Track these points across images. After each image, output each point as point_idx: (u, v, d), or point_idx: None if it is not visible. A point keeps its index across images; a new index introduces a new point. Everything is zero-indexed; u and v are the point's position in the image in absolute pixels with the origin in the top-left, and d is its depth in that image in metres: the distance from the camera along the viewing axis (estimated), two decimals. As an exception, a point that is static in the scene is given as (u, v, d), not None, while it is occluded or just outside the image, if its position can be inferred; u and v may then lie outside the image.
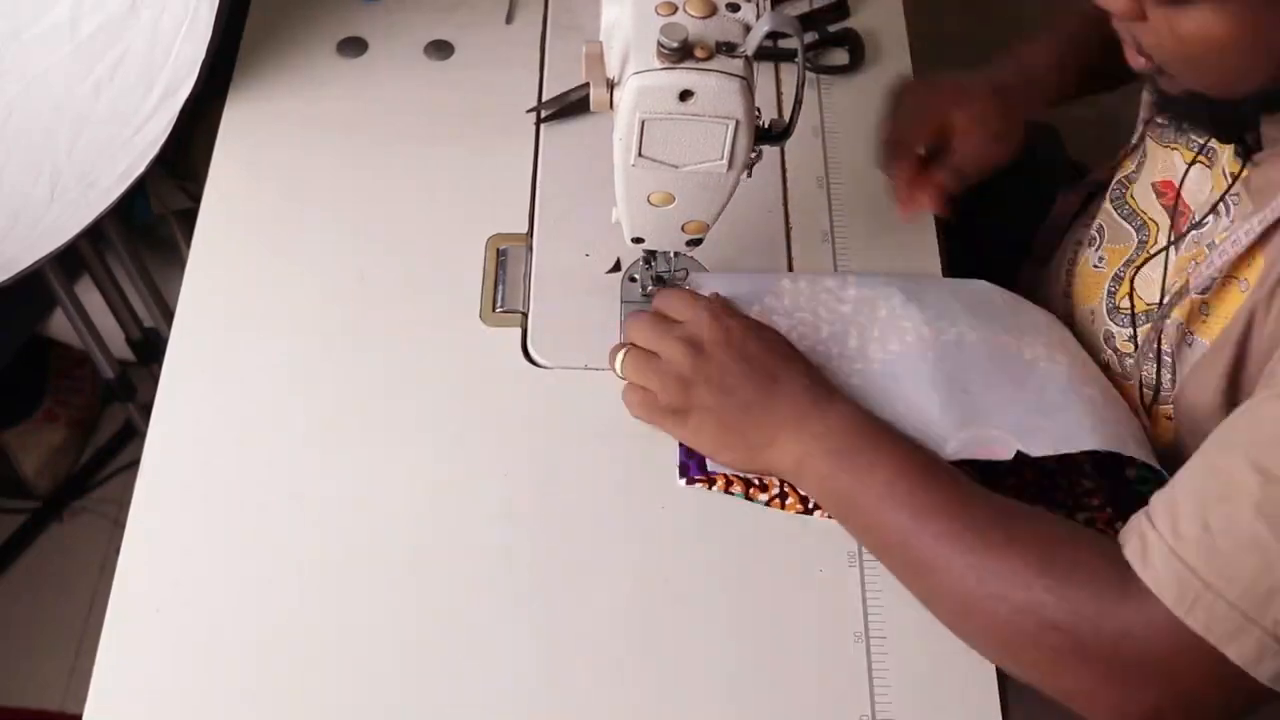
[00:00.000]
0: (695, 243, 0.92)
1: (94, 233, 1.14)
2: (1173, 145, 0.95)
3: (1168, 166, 0.95)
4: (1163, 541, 0.74)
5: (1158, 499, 0.77)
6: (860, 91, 1.14)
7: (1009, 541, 0.79)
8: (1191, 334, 0.88)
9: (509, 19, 1.18)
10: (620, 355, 0.93)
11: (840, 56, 1.16)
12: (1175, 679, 0.74)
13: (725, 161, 0.82)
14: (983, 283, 1.01)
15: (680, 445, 0.92)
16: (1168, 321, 0.90)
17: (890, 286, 0.98)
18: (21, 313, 1.58)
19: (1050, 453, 0.88)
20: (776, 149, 1.06)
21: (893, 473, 0.84)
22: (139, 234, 1.47)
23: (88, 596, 1.61)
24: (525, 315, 1.00)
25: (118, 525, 0.89)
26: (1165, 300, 0.90)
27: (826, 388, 0.90)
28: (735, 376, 0.89)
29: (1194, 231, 0.90)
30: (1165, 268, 0.93)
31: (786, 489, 0.91)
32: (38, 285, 1.28)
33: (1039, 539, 0.79)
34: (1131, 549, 0.76)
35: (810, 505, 0.90)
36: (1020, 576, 0.77)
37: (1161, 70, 0.77)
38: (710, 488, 0.91)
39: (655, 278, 0.99)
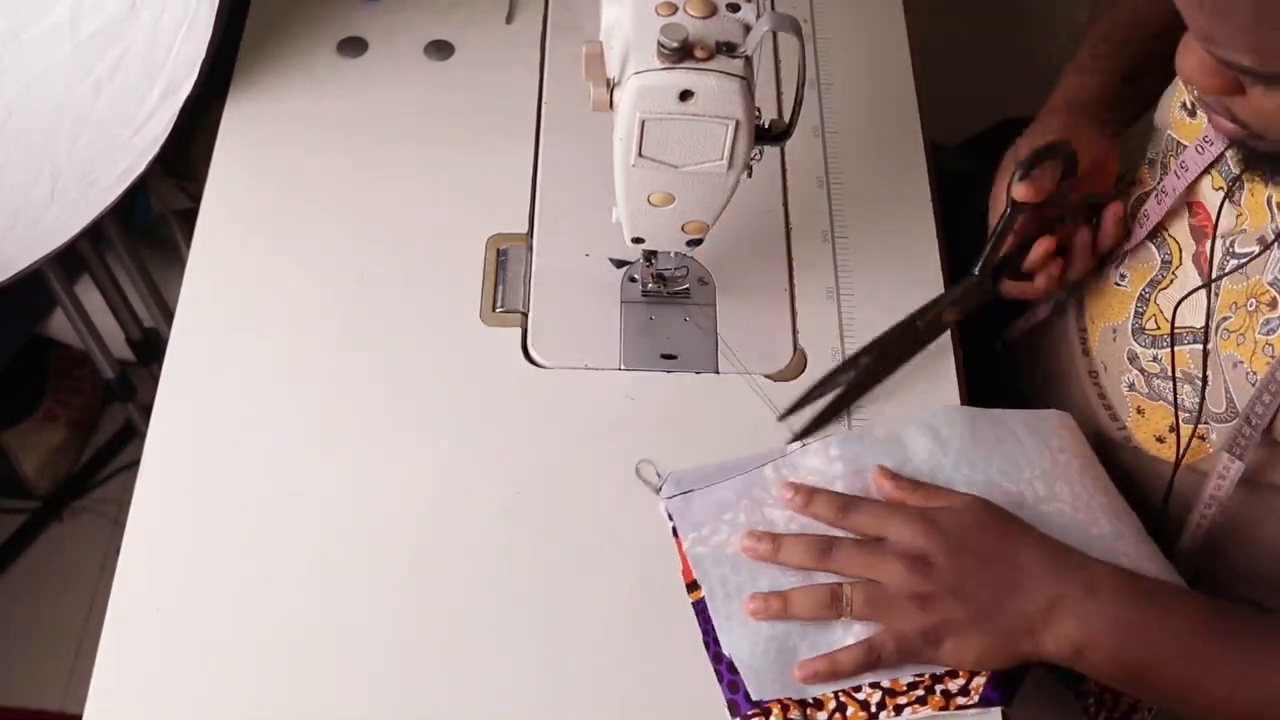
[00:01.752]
0: (695, 243, 0.92)
1: (94, 233, 1.13)
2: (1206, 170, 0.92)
3: (1197, 189, 0.93)
4: None
5: None
6: (861, 92, 1.14)
7: None
8: (1253, 372, 0.86)
9: (509, 19, 1.18)
10: (848, 591, 0.83)
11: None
12: None
13: (725, 161, 0.82)
14: (965, 412, 0.94)
15: (722, 683, 0.83)
16: (1209, 349, 0.88)
17: (874, 447, 0.90)
18: (21, 313, 1.58)
19: None
20: (776, 149, 1.06)
21: (1190, 639, 0.80)
22: (139, 234, 1.46)
23: (88, 596, 1.61)
24: (525, 315, 1.00)
25: (118, 525, 0.89)
26: (1209, 327, 0.89)
27: (1072, 555, 0.83)
28: (974, 579, 0.82)
29: (1234, 260, 0.88)
30: (1209, 299, 0.90)
31: (844, 698, 0.83)
32: (38, 285, 1.28)
33: None
34: None
35: (874, 711, 0.83)
36: None
37: (1254, 134, 0.76)
38: (768, 719, 0.83)
39: (655, 275, 0.99)
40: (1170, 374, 0.93)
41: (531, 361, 0.97)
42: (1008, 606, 0.81)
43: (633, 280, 1.01)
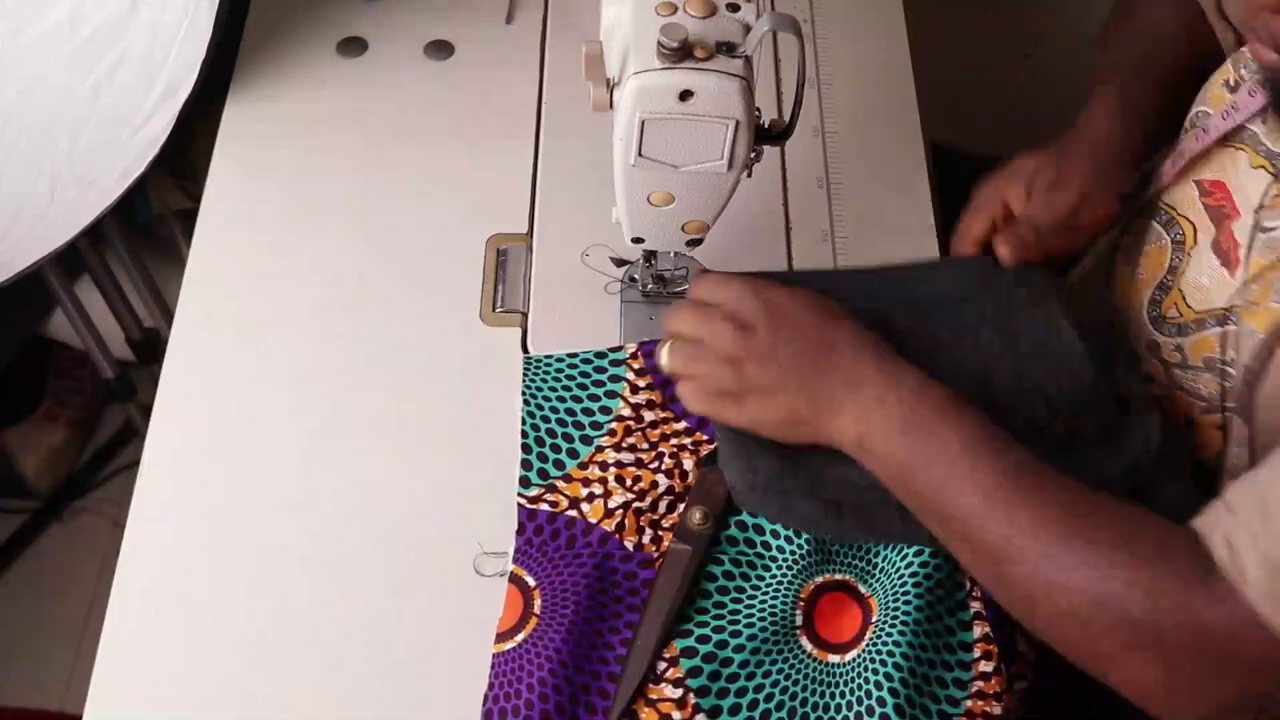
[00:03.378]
0: (695, 243, 0.92)
1: (94, 233, 1.14)
2: (1240, 145, 0.90)
3: (1222, 167, 0.91)
4: (1252, 538, 0.72)
5: (1240, 492, 0.75)
6: (861, 92, 1.14)
7: (1088, 531, 0.76)
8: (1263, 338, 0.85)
9: (509, 19, 1.18)
10: (664, 348, 0.88)
11: None
12: (1251, 678, 0.72)
13: (725, 161, 0.82)
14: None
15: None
16: (1232, 329, 0.87)
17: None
18: (21, 313, 1.58)
19: None
20: (776, 149, 1.06)
21: (961, 452, 0.79)
22: (139, 234, 1.47)
23: (88, 596, 1.61)
24: (525, 315, 1.00)
25: (118, 525, 0.89)
26: (1233, 307, 0.87)
27: (888, 354, 0.85)
28: (787, 348, 0.85)
29: (1262, 235, 0.87)
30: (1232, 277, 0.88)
31: None
32: (38, 285, 1.28)
33: (1119, 529, 0.76)
34: (1217, 544, 0.73)
35: None
36: (1100, 569, 0.74)
37: None
38: None
39: (656, 277, 0.99)
40: (1191, 364, 0.92)
41: (531, 361, 0.98)
42: (808, 382, 0.83)
43: (633, 280, 1.01)
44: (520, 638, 0.83)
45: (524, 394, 0.93)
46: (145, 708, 0.83)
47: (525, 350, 0.98)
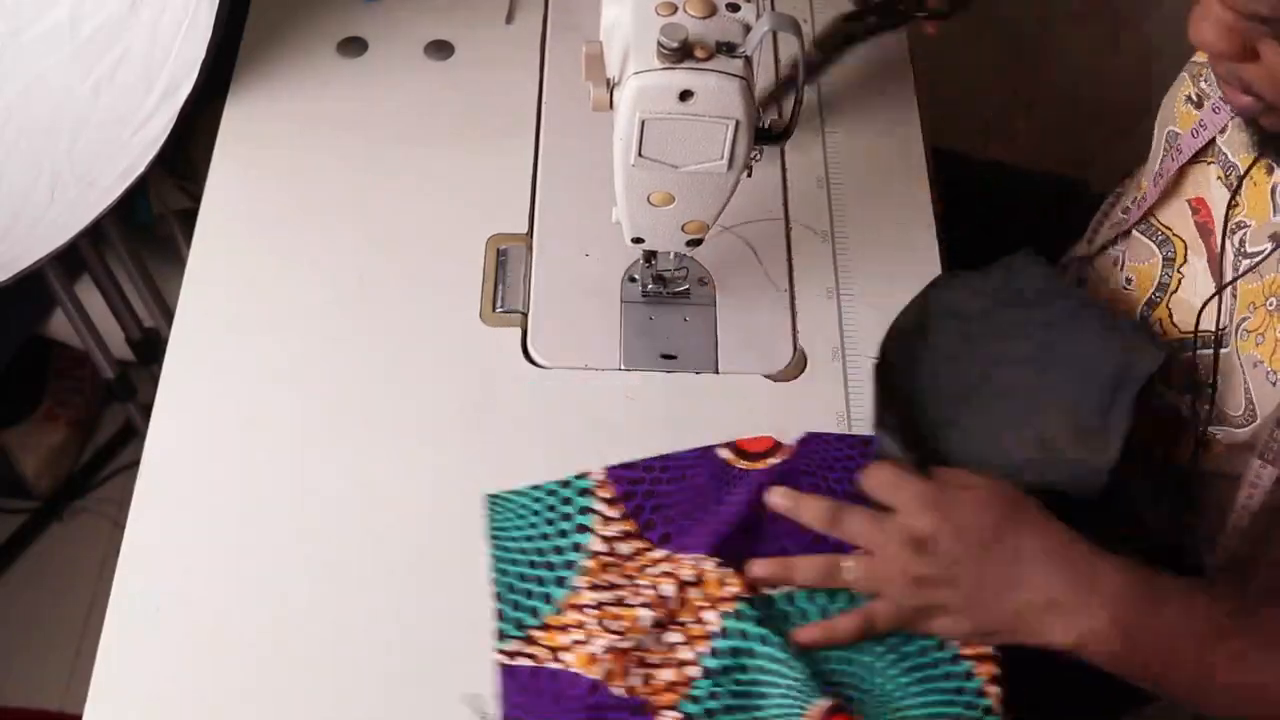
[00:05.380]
0: (695, 243, 0.92)
1: (94, 233, 1.13)
2: (1209, 160, 0.92)
3: (1199, 184, 0.93)
4: None
5: None
6: (861, 92, 1.14)
7: None
8: (1274, 371, 0.85)
9: (509, 19, 1.18)
10: (849, 563, 0.84)
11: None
12: None
13: (725, 161, 0.82)
14: None
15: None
16: (1224, 352, 0.89)
17: None
18: (21, 313, 1.58)
19: None
20: (776, 149, 1.06)
21: (1196, 634, 0.80)
22: (139, 234, 1.47)
23: (88, 596, 1.61)
24: (525, 315, 1.00)
25: (118, 525, 0.89)
26: (1230, 329, 0.89)
27: (1076, 545, 0.82)
28: (971, 567, 0.82)
29: (1246, 260, 0.88)
30: (1221, 300, 0.90)
31: None
32: (38, 285, 1.28)
33: None
34: None
35: None
36: None
37: (1271, 108, 0.76)
38: None
39: (655, 277, 0.99)
40: (1170, 381, 0.93)
41: (531, 361, 0.97)
42: (1003, 600, 0.81)
43: (633, 280, 1.01)
44: None
45: (490, 534, 0.89)
46: (145, 708, 0.83)
47: (525, 351, 0.98)
